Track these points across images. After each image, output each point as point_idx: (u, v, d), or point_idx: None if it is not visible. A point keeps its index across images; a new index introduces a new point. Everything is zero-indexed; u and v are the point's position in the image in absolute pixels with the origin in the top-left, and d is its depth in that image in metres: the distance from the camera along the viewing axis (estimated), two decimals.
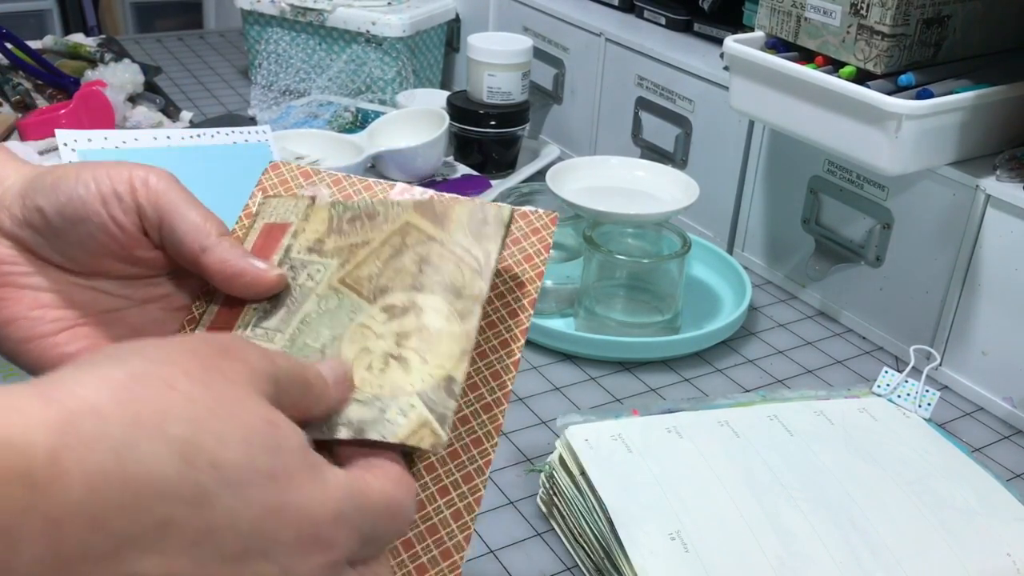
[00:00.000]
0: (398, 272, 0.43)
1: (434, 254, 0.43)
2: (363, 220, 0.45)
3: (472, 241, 0.44)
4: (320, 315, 0.42)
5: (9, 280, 0.42)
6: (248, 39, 1.34)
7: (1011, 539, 0.59)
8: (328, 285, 0.43)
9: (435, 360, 0.40)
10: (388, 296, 0.42)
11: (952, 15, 0.77)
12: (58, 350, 0.43)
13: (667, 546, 0.55)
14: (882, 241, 0.84)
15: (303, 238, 0.45)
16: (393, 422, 0.38)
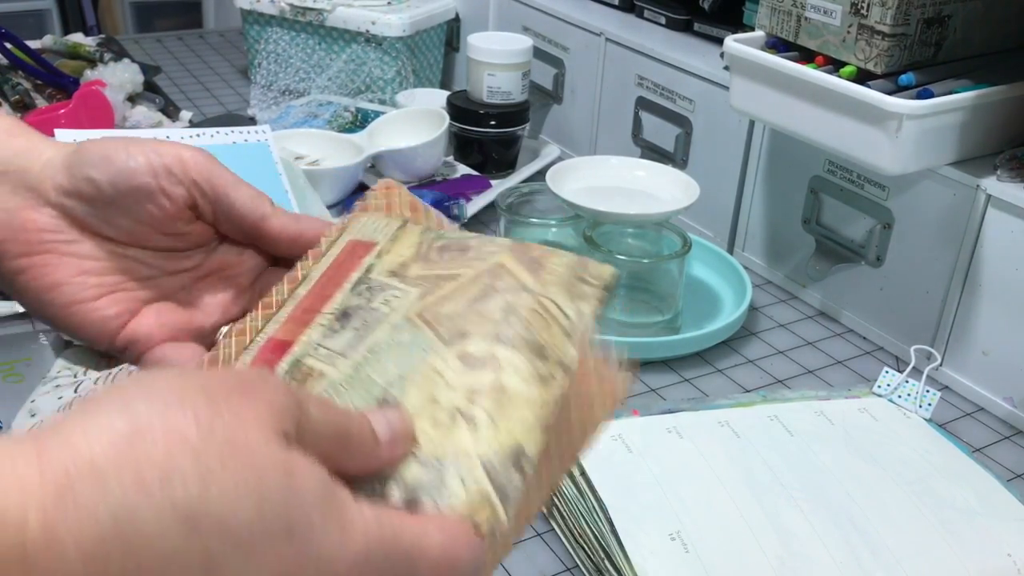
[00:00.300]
0: (482, 317, 0.39)
1: (522, 305, 0.39)
2: (453, 252, 0.42)
3: (566, 299, 0.41)
4: (390, 347, 0.38)
5: (52, 247, 0.43)
6: (248, 39, 1.34)
7: (1011, 539, 0.59)
8: (404, 315, 0.39)
9: (506, 425, 0.36)
10: (467, 342, 0.38)
11: (952, 15, 0.77)
12: (98, 313, 0.44)
13: (667, 546, 0.55)
14: (882, 241, 0.84)
15: (387, 259, 0.42)
16: (450, 490, 0.34)
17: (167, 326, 0.46)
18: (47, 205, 0.43)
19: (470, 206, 1.00)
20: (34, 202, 0.43)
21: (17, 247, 0.43)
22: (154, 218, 0.44)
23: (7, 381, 0.70)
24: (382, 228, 0.44)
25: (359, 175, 1.02)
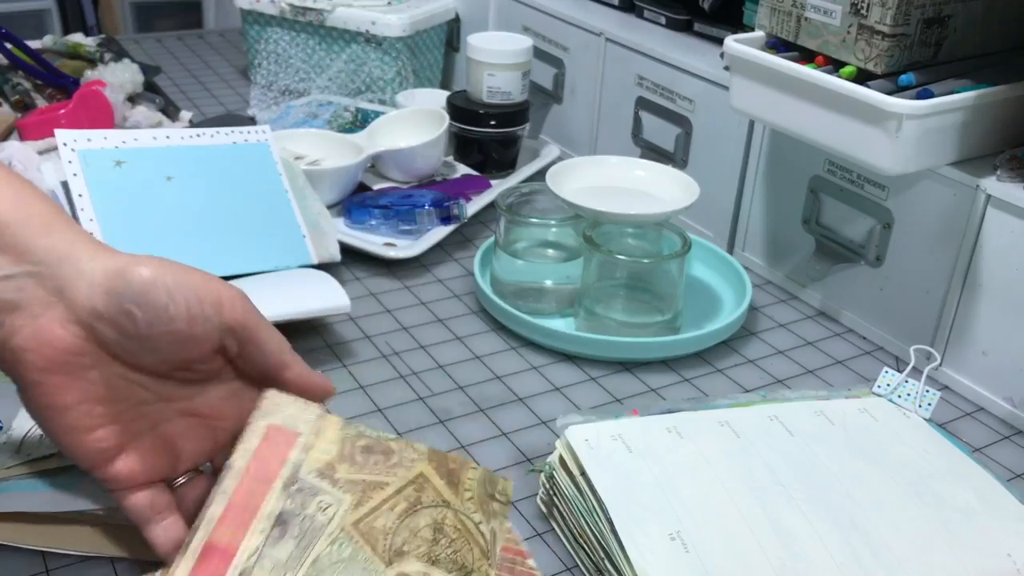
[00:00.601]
0: (413, 534, 0.44)
1: (448, 524, 0.46)
2: (377, 456, 0.46)
3: (482, 516, 0.47)
4: (333, 564, 0.42)
5: (68, 370, 0.45)
6: (248, 39, 1.34)
7: (1012, 539, 0.59)
8: (341, 526, 0.43)
9: None
10: (403, 563, 0.43)
11: (953, 15, 0.77)
12: (92, 445, 0.46)
13: (667, 546, 0.55)
14: (882, 241, 0.84)
15: (313, 457, 0.45)
16: None
17: (146, 471, 0.48)
18: (77, 324, 0.44)
19: (470, 206, 1.00)
20: (64, 317, 0.44)
21: (39, 361, 0.44)
22: (177, 357, 0.46)
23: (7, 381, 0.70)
24: (301, 416, 0.46)
25: (359, 175, 1.02)
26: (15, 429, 0.64)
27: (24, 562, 0.57)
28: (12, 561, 0.57)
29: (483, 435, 0.71)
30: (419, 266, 0.94)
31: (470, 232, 1.02)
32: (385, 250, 0.92)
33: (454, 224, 0.97)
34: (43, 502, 0.55)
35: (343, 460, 0.45)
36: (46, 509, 0.55)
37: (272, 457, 0.44)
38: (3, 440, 0.62)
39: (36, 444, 0.60)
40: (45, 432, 0.47)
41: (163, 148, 0.85)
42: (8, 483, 0.57)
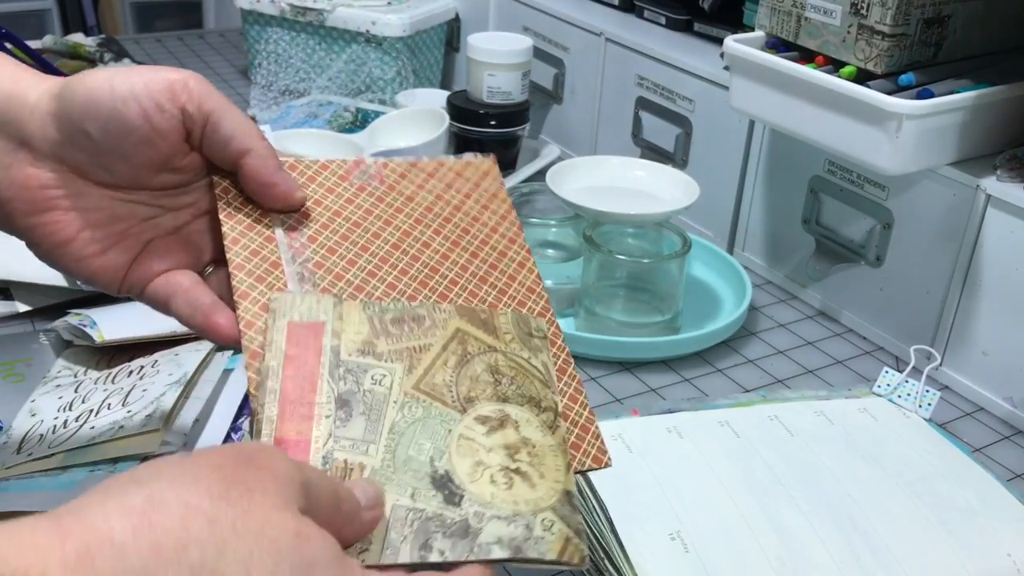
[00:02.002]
0: (474, 381, 0.44)
1: (502, 365, 0.45)
2: (409, 324, 0.45)
3: (527, 352, 0.46)
4: (410, 424, 0.42)
5: (56, 203, 0.43)
6: (248, 39, 1.34)
7: (1012, 539, 0.59)
8: (403, 391, 0.43)
9: (550, 475, 0.42)
10: (477, 407, 0.43)
11: (952, 15, 0.77)
12: (107, 263, 0.45)
13: (667, 546, 0.55)
14: (882, 241, 0.84)
15: (347, 339, 0.44)
16: (542, 540, 0.39)
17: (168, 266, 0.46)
18: (45, 159, 0.43)
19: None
20: (31, 157, 0.43)
21: (24, 206, 0.43)
22: (148, 159, 0.44)
23: (7, 381, 0.70)
24: (318, 306, 0.44)
25: None
26: (15, 429, 0.64)
27: None
28: None
29: None
30: None
31: None
32: None
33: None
34: (43, 502, 0.55)
35: (378, 335, 0.44)
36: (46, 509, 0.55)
37: (305, 351, 0.43)
38: (3, 440, 0.62)
39: (36, 444, 0.60)
40: (60, 270, 0.46)
41: None
42: (8, 483, 0.57)
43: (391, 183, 0.49)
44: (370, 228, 0.48)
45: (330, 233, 0.47)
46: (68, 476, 0.57)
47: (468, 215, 0.50)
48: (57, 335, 0.75)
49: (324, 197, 0.48)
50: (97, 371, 0.70)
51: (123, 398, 0.64)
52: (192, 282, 0.46)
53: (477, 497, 0.40)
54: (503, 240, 0.51)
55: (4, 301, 0.80)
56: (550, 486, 0.41)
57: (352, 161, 0.49)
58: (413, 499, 0.40)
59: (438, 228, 0.49)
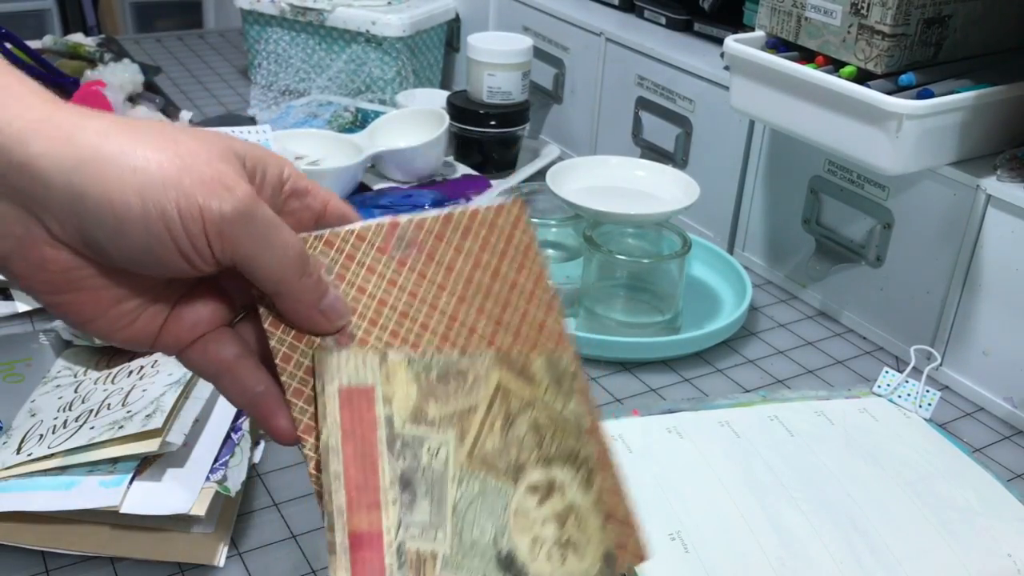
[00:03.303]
0: (520, 446, 0.45)
1: (542, 421, 0.46)
2: (455, 382, 0.44)
3: (562, 400, 0.47)
4: (470, 505, 0.42)
5: (79, 285, 0.40)
6: (248, 39, 1.34)
7: (1012, 540, 0.59)
8: (458, 464, 0.43)
9: (593, 538, 0.44)
10: (526, 475, 0.44)
11: (953, 15, 0.77)
12: (139, 331, 0.42)
13: (667, 546, 0.55)
14: (882, 241, 0.84)
15: (399, 406, 0.43)
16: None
17: (202, 321, 0.43)
18: (61, 244, 0.38)
19: (470, 206, 1.00)
20: (45, 236, 0.37)
21: (44, 286, 0.39)
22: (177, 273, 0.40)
23: (7, 381, 0.70)
24: (364, 366, 0.43)
25: (359, 175, 1.02)
26: (15, 429, 0.64)
27: (24, 562, 0.57)
28: (12, 561, 0.57)
29: None
30: None
31: None
32: None
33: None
34: (43, 502, 0.55)
35: (427, 399, 0.43)
36: (46, 509, 0.55)
37: (361, 421, 0.42)
38: (3, 440, 0.62)
39: (36, 444, 0.60)
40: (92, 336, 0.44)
41: None
42: (8, 483, 0.57)
43: (429, 251, 0.46)
44: (417, 318, 0.45)
45: (379, 331, 0.44)
46: (68, 476, 0.57)
47: (506, 282, 0.49)
48: (57, 335, 0.75)
49: (367, 282, 0.45)
50: (97, 371, 0.70)
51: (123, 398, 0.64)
52: (235, 356, 0.43)
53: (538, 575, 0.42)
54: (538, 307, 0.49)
55: (4, 301, 0.80)
56: (593, 552, 0.44)
57: (387, 224, 0.46)
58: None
59: (480, 307, 0.47)
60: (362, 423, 0.42)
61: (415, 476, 0.42)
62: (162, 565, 0.57)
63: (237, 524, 0.60)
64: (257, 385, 0.42)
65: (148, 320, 0.42)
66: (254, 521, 0.61)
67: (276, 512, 0.62)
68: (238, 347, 0.43)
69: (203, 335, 0.43)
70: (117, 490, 0.55)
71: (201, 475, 0.58)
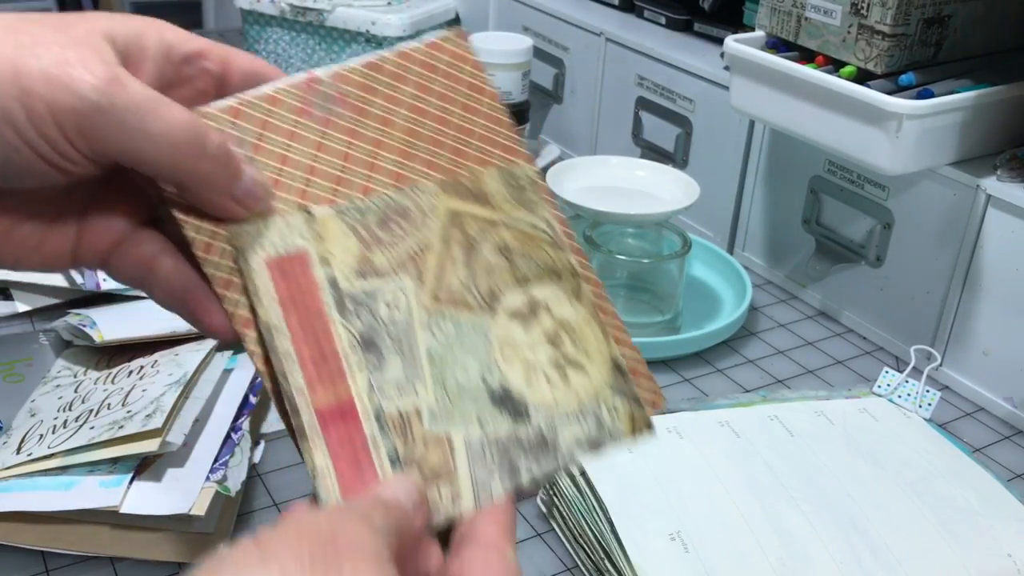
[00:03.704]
0: (490, 271, 0.40)
1: (508, 239, 0.41)
2: (397, 221, 0.39)
3: (523, 212, 0.42)
4: (447, 346, 0.38)
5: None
6: (248, 39, 1.34)
7: (1012, 540, 0.59)
8: (422, 308, 0.38)
9: (594, 350, 0.40)
10: (504, 300, 0.39)
11: (953, 15, 0.77)
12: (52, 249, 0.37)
13: (667, 546, 0.55)
14: (883, 241, 0.84)
15: (340, 263, 0.38)
16: (613, 427, 0.39)
17: (116, 226, 0.38)
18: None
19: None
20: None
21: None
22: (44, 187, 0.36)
23: (7, 381, 0.70)
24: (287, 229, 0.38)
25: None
26: (15, 429, 0.64)
27: (24, 562, 0.57)
28: (12, 561, 0.57)
29: None
30: None
31: None
32: None
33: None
34: (43, 502, 0.55)
35: (370, 248, 0.38)
36: (46, 509, 0.55)
37: (300, 290, 0.37)
38: (3, 440, 0.62)
39: (36, 444, 0.60)
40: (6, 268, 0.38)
41: None
42: (8, 483, 0.57)
43: (359, 105, 0.41)
44: (354, 181, 0.40)
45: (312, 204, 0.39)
46: (68, 476, 0.57)
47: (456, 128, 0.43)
48: (57, 335, 0.75)
49: (288, 150, 0.38)
50: (97, 371, 0.70)
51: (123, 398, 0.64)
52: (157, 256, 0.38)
53: (541, 403, 0.38)
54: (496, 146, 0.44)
55: (4, 301, 0.80)
56: (599, 364, 0.39)
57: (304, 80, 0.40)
58: (482, 427, 0.37)
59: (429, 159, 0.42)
60: (301, 292, 0.36)
61: (377, 334, 0.37)
62: (162, 565, 0.57)
63: (237, 524, 0.60)
64: (184, 281, 0.38)
65: (59, 238, 0.37)
66: (254, 521, 0.61)
67: (276, 512, 0.62)
68: (159, 245, 0.38)
69: (122, 240, 0.38)
70: (117, 490, 0.55)
71: (201, 475, 0.58)
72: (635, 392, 0.40)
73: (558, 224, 0.42)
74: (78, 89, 0.31)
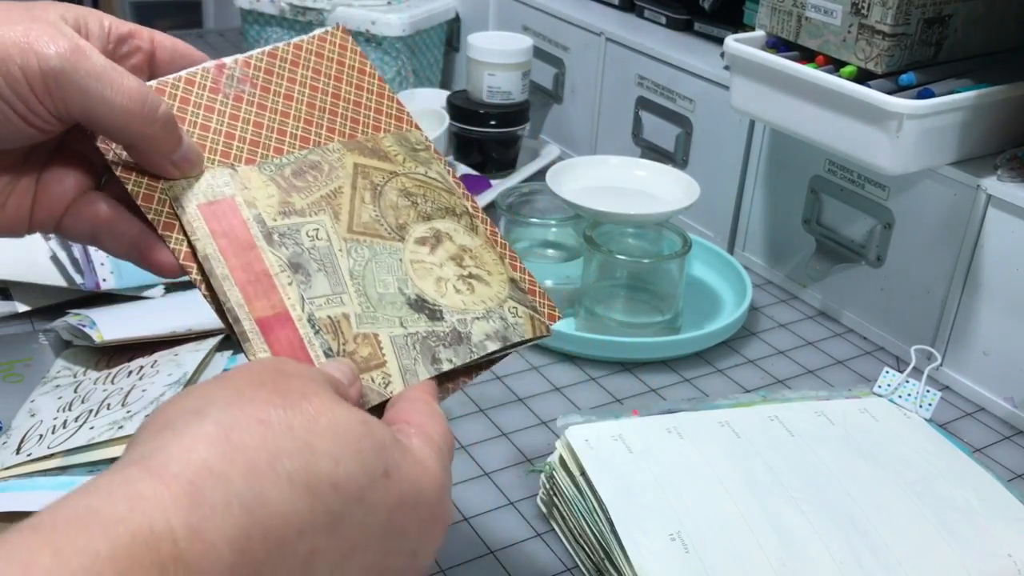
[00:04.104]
0: (396, 209, 0.47)
1: (409, 185, 0.48)
2: (311, 173, 0.46)
3: (422, 168, 0.50)
4: (364, 265, 0.44)
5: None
6: (248, 39, 1.34)
7: (1012, 540, 0.59)
8: (340, 238, 0.44)
9: (494, 270, 0.47)
10: (412, 231, 0.46)
11: (953, 14, 0.77)
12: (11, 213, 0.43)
13: (667, 546, 0.55)
14: (883, 241, 0.84)
15: (263, 204, 0.44)
16: (517, 324, 0.46)
17: (69, 189, 0.44)
18: None
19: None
20: None
21: None
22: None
23: (7, 381, 0.70)
24: (215, 180, 0.44)
25: None
26: (15, 429, 0.63)
27: None
28: None
29: (483, 435, 0.71)
30: None
31: None
32: None
33: None
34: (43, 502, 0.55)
35: (288, 193, 0.45)
36: None
37: (231, 226, 0.43)
38: (3, 440, 0.62)
39: (35, 444, 0.60)
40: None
41: None
42: (8, 483, 0.57)
43: (263, 84, 0.48)
44: (269, 144, 0.47)
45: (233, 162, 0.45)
46: (68, 476, 0.57)
47: (348, 101, 0.51)
48: (57, 335, 0.75)
49: (208, 120, 0.46)
50: (97, 371, 0.70)
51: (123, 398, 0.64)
52: (107, 211, 0.44)
53: (453, 307, 0.45)
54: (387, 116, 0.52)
55: (4, 301, 0.80)
56: (499, 279, 0.47)
57: (213, 66, 0.47)
58: (404, 326, 0.43)
59: (330, 127, 0.49)
60: (232, 227, 0.43)
61: (302, 258, 0.43)
62: None
63: None
64: (131, 230, 0.43)
65: (17, 202, 0.43)
66: None
67: None
68: (107, 203, 0.44)
69: (73, 201, 0.44)
70: None
71: None
72: (532, 302, 0.48)
73: (450, 176, 0.51)
74: (46, 55, 0.37)
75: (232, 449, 0.29)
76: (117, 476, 0.28)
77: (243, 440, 0.30)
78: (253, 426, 0.30)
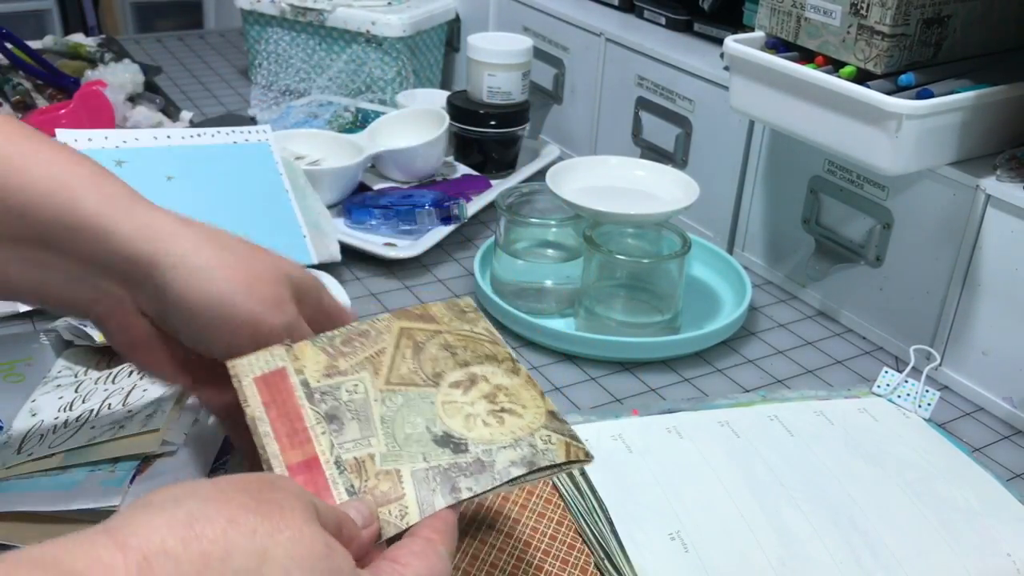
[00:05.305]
0: (434, 360, 0.49)
1: (451, 340, 0.50)
2: (358, 340, 0.50)
3: (467, 325, 0.51)
4: (396, 411, 0.46)
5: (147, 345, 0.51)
6: (248, 39, 1.34)
7: (1011, 539, 0.59)
8: (377, 390, 0.47)
9: (530, 404, 0.47)
10: (447, 377, 0.48)
11: (952, 15, 0.77)
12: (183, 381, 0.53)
13: (667, 546, 0.55)
14: (882, 241, 0.84)
15: (309, 371, 0.47)
16: (548, 450, 0.45)
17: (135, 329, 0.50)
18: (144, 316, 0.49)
19: (470, 206, 1.00)
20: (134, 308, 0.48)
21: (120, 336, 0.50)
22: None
23: (7, 381, 0.70)
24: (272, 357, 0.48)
25: (359, 175, 1.02)
26: (15, 429, 0.64)
27: None
28: None
29: None
30: (419, 266, 0.94)
31: (470, 232, 1.02)
32: (385, 250, 0.92)
33: (454, 224, 0.97)
34: (43, 502, 0.55)
35: (335, 359, 0.48)
36: (46, 509, 0.55)
37: (279, 391, 0.46)
38: (3, 440, 0.62)
39: (36, 444, 0.60)
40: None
41: (163, 148, 0.85)
42: (8, 483, 0.57)
43: None
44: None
45: None
46: (68, 476, 0.57)
47: None
48: (57, 335, 0.75)
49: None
50: (97, 371, 0.70)
51: (123, 398, 0.64)
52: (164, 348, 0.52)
53: (479, 439, 0.45)
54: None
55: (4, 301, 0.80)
56: (534, 412, 0.47)
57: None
58: (426, 461, 0.44)
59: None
60: (280, 392, 0.46)
61: (339, 410, 0.45)
62: None
63: None
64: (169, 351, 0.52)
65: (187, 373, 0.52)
66: None
67: None
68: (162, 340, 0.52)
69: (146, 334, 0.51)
70: (117, 490, 0.55)
71: (201, 475, 0.58)
72: (572, 431, 0.46)
73: (496, 333, 0.52)
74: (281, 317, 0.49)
75: (192, 536, 0.32)
76: (87, 538, 0.31)
77: (204, 531, 0.32)
78: (219, 521, 0.32)
